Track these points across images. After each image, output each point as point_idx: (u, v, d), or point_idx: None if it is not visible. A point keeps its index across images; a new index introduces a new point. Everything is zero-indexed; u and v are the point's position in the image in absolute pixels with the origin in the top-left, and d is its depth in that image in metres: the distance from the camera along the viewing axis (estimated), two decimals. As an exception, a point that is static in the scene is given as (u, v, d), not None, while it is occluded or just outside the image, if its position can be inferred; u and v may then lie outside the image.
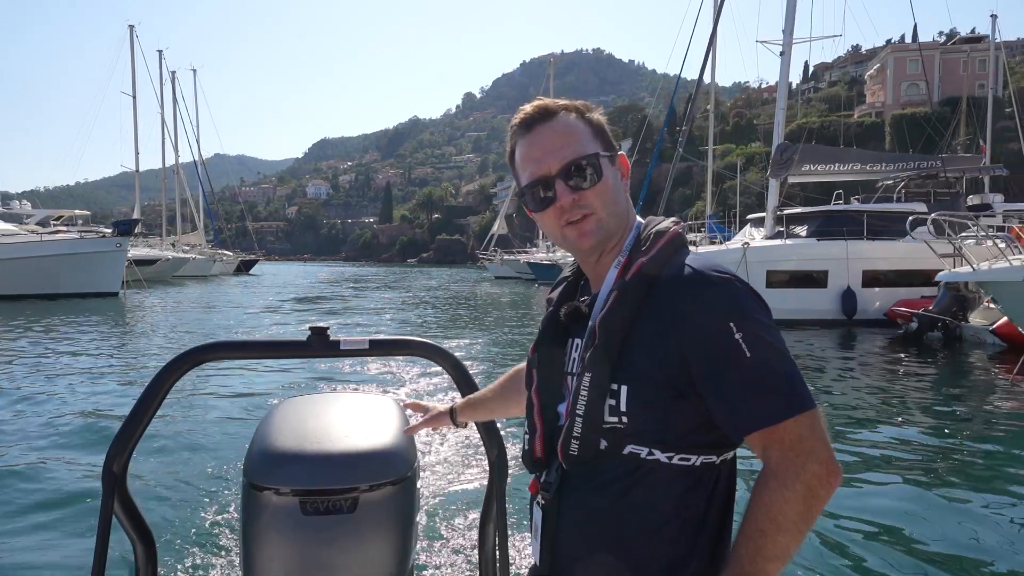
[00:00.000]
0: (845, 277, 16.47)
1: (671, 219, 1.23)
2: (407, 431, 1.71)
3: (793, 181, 19.12)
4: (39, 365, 11.01)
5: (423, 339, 1.91)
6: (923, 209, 16.77)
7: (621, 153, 1.24)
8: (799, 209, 18.92)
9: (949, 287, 13.46)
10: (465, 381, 1.85)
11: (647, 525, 1.10)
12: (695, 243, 19.52)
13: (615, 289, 1.13)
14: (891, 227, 17.01)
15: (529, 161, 1.20)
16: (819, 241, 17.11)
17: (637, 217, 1.25)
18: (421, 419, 1.74)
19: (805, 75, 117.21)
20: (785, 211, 18.16)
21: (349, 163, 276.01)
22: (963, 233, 13.53)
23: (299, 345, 1.81)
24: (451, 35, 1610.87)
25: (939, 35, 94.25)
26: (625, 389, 1.09)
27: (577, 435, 1.12)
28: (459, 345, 13.20)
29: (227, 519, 4.32)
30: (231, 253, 63.57)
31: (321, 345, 1.78)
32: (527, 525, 2.94)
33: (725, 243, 20.38)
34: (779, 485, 1.02)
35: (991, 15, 38.71)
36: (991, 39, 38.45)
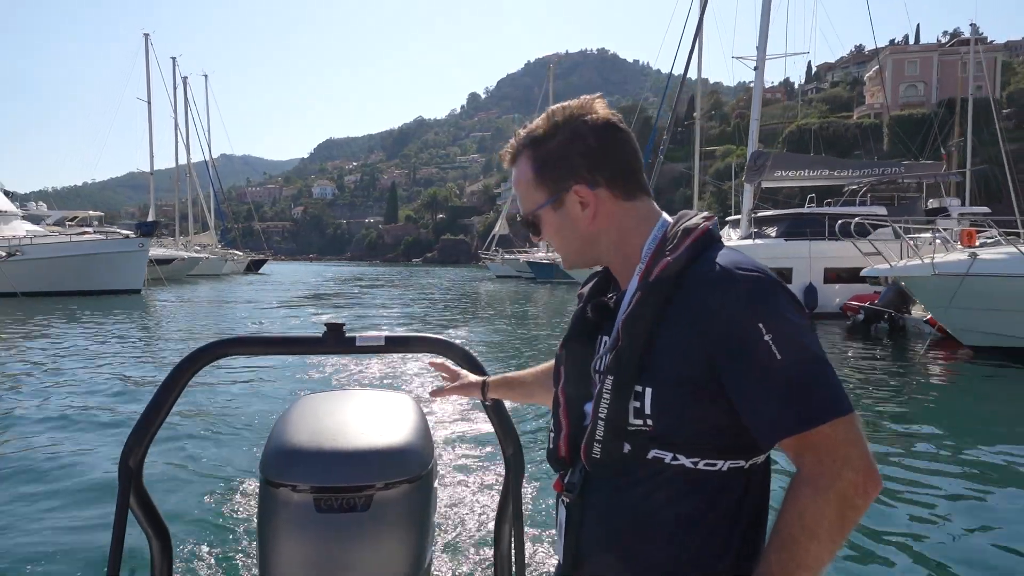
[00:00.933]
0: (808, 274, 18.05)
1: (703, 214, 1.18)
2: (432, 393, 1.72)
3: (766, 186, 20.71)
4: (68, 356, 11.57)
5: (440, 336, 1.91)
6: (883, 212, 18.35)
7: (575, 188, 1.18)
8: (770, 212, 20.56)
9: (893, 282, 15.03)
10: (480, 376, 1.83)
11: (669, 530, 1.07)
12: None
13: (639, 289, 1.11)
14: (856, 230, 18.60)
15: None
16: (786, 241, 18.68)
17: (663, 215, 1.22)
18: (450, 386, 1.72)
19: (808, 75, 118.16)
20: (758, 213, 19.81)
21: (354, 163, 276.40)
22: (921, 234, 15.06)
23: (315, 341, 1.81)
24: (456, 36, 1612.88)
25: (943, 35, 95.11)
26: (650, 391, 1.05)
27: (599, 438, 1.09)
28: (459, 336, 14.73)
29: (243, 515, 4.33)
30: (241, 253, 65.10)
31: (337, 341, 1.79)
32: (543, 523, 3.83)
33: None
34: (812, 492, 0.98)
35: (970, 23, 40.14)
36: (971, 46, 39.80)
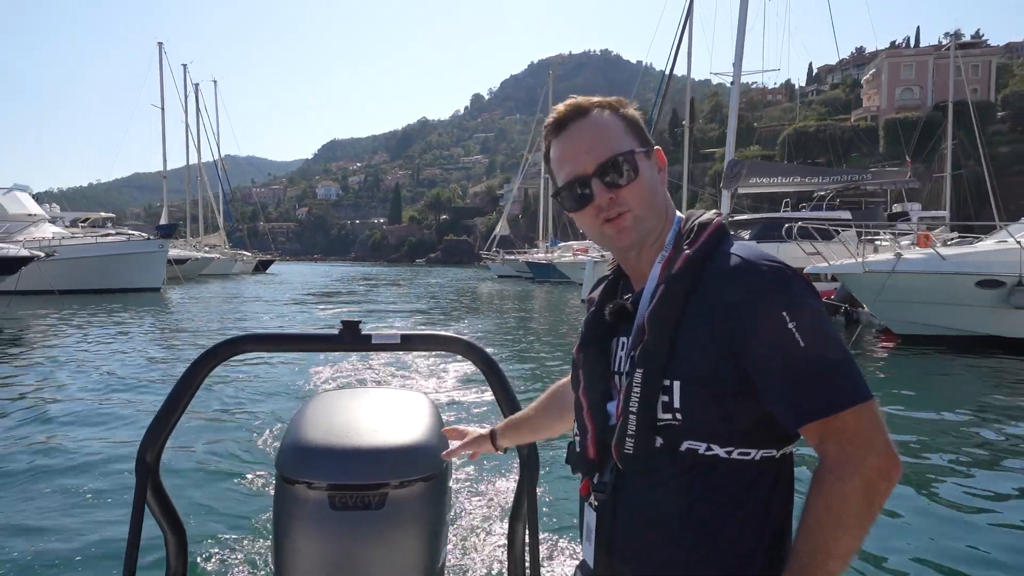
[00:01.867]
0: None
1: (712, 211, 1.21)
2: (444, 455, 1.65)
3: (742, 192, 22.36)
4: (94, 350, 12.04)
5: (454, 334, 1.91)
6: (848, 216, 19.99)
7: (657, 148, 1.21)
8: (745, 216, 22.23)
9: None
10: (495, 376, 1.85)
11: (709, 522, 1.07)
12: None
13: (662, 283, 1.11)
14: (818, 232, 20.27)
15: (565, 161, 1.19)
16: (758, 243, 20.24)
17: (677, 212, 1.24)
18: (458, 444, 1.66)
19: (809, 77, 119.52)
20: (734, 217, 21.47)
21: (358, 164, 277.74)
22: (882, 235, 16.76)
23: (330, 338, 1.82)
24: (459, 37, 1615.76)
25: (945, 36, 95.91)
26: (678, 384, 1.06)
27: (632, 433, 1.09)
28: (463, 328, 16.37)
29: (259, 512, 4.34)
30: (249, 254, 66.42)
31: (352, 339, 1.79)
32: (556, 524, 4.02)
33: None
34: (837, 479, 0.99)
35: (947, 34, 41.64)
36: (951, 52, 41.24)
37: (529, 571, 1.84)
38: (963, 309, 12.06)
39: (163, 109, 53.31)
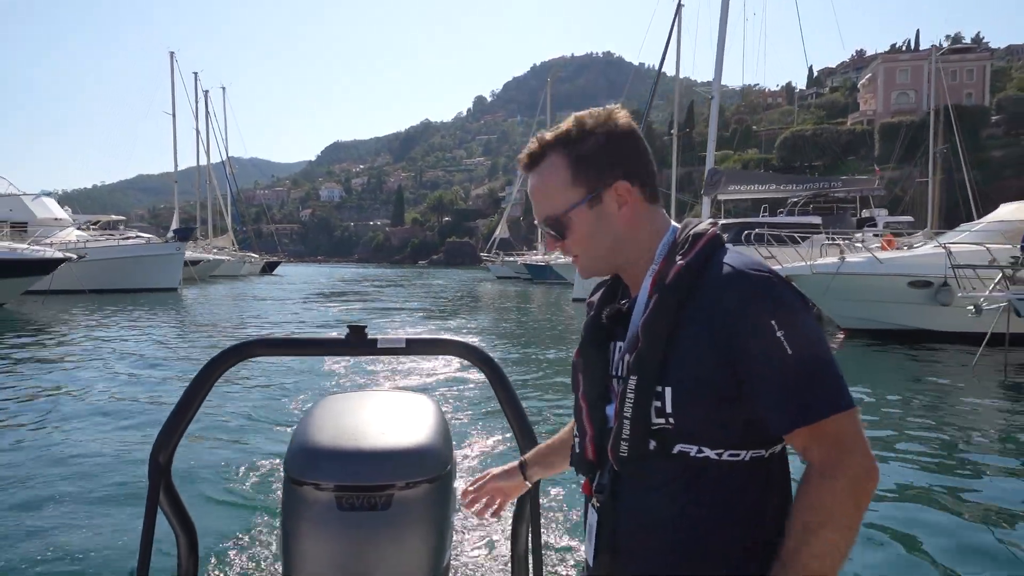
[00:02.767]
0: None
1: (708, 220, 1.24)
2: (465, 506, 1.69)
3: (722, 199, 23.97)
4: (119, 348, 12.47)
5: (459, 339, 1.94)
6: (818, 221, 21.63)
7: (617, 184, 1.20)
8: (721, 221, 23.79)
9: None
10: (499, 380, 1.87)
11: (701, 524, 1.10)
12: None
13: (656, 292, 1.14)
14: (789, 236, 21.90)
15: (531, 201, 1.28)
16: (733, 247, 21.83)
17: (672, 222, 1.26)
18: (483, 484, 1.67)
19: (809, 79, 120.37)
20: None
21: (361, 166, 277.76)
22: (852, 239, 18.38)
23: (338, 343, 1.86)
24: (462, 39, 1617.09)
25: (945, 39, 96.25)
26: (670, 390, 1.09)
27: (626, 437, 1.12)
28: (463, 327, 17.62)
29: (267, 513, 4.40)
30: (257, 255, 67.58)
31: (359, 343, 1.83)
32: (560, 524, 4.19)
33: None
34: (824, 480, 1.02)
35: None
36: (932, 57, 42.60)
37: (532, 571, 1.85)
38: (898, 306, 13.74)
39: (174, 115, 54.73)
